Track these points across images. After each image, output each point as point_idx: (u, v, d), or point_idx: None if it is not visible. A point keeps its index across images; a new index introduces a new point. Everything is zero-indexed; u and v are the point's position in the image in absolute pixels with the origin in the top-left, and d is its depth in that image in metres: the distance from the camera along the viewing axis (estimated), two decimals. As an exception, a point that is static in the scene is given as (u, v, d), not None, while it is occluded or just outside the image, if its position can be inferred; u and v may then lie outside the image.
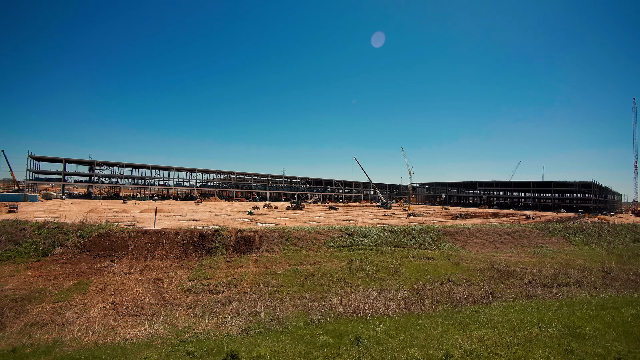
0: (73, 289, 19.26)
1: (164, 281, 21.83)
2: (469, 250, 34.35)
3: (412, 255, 30.05)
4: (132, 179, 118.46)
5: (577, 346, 7.85)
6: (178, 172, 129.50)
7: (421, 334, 9.78)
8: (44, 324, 14.62)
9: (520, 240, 38.78)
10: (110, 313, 16.54)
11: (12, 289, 18.51)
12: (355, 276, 23.74)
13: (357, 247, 31.58)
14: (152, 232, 29.22)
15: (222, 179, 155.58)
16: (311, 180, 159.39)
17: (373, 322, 11.62)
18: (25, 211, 46.69)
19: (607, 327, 9.34)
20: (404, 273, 24.58)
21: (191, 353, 9.22)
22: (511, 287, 21.32)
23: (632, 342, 8.06)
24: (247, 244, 29.01)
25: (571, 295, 18.11)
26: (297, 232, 32.62)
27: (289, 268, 25.13)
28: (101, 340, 12.39)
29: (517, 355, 7.51)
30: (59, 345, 11.38)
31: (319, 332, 10.85)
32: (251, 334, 11.78)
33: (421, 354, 7.91)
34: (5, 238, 24.83)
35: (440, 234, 37.37)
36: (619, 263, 28.49)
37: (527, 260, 30.34)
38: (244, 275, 23.35)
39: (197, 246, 28.09)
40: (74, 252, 24.99)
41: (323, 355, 8.44)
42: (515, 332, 9.41)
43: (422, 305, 15.02)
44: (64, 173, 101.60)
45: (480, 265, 26.54)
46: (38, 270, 21.84)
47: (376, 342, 9.31)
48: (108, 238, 27.25)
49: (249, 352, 8.61)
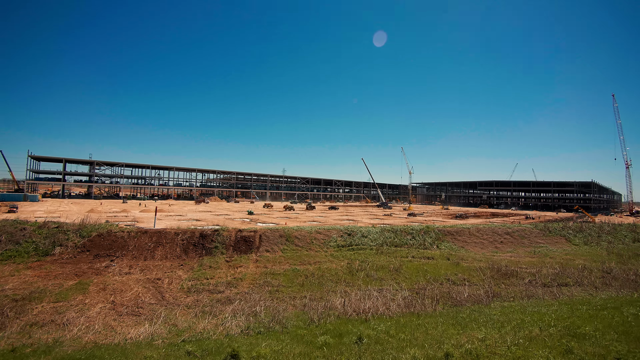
0: (73, 289, 19.27)
1: (164, 281, 21.83)
2: (469, 250, 34.35)
3: (412, 255, 30.05)
4: (132, 179, 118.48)
5: (577, 346, 7.85)
6: (178, 172, 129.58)
7: (421, 334, 9.78)
8: (44, 323, 14.63)
9: (520, 240, 38.78)
10: (110, 313, 16.55)
11: (12, 289, 18.52)
12: (355, 276, 23.74)
13: (357, 247, 31.58)
14: (152, 232, 29.22)
15: (222, 179, 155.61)
16: (311, 180, 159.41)
17: (373, 322, 11.63)
18: (25, 211, 46.69)
19: (607, 327, 9.34)
20: (404, 273, 24.59)
21: (191, 353, 9.22)
22: (511, 287, 21.33)
23: (632, 342, 8.06)
24: (247, 243, 29.01)
25: (571, 295, 18.11)
26: (297, 232, 32.62)
27: (289, 268, 25.13)
28: (101, 340, 12.39)
29: (517, 355, 7.51)
30: (59, 345, 11.38)
31: (319, 332, 10.85)
32: (251, 334, 11.78)
33: (421, 354, 7.91)
34: (5, 238, 24.83)
35: (440, 233, 37.37)
36: (619, 263, 28.50)
37: (527, 260, 30.35)
38: (244, 275, 23.35)
39: (197, 246, 28.09)
40: (74, 252, 24.99)
41: (323, 355, 8.44)
42: (515, 331, 9.41)
43: (422, 305, 15.02)
44: (64, 173, 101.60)
45: (480, 265, 26.54)
46: (38, 270, 21.84)
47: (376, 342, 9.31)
48: (108, 238, 27.25)
49: (249, 352, 8.62)
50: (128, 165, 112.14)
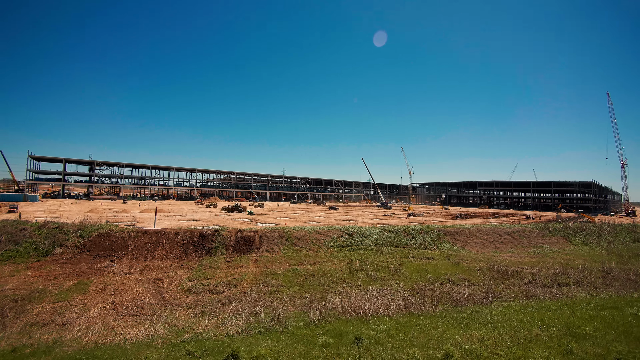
0: (73, 289, 19.27)
1: (164, 281, 21.83)
2: (469, 250, 34.34)
3: (412, 255, 30.05)
4: (132, 179, 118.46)
5: (577, 346, 7.84)
6: (178, 172, 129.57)
7: (421, 334, 9.77)
8: (44, 324, 14.63)
9: (520, 240, 38.78)
10: (110, 313, 16.55)
11: (12, 289, 18.51)
12: (355, 276, 23.74)
13: (357, 247, 31.58)
14: (152, 232, 29.22)
15: (222, 179, 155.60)
16: (311, 180, 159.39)
17: (373, 322, 11.62)
18: (26, 211, 46.68)
19: (607, 327, 9.33)
20: (404, 273, 24.59)
21: (191, 353, 9.22)
22: (511, 287, 21.32)
23: (632, 342, 8.05)
24: (247, 244, 29.00)
25: (571, 295, 18.09)
26: (297, 232, 32.62)
27: (289, 268, 25.12)
28: (101, 340, 12.38)
29: (517, 355, 7.51)
30: (59, 345, 11.37)
31: (319, 332, 10.84)
32: (251, 334, 11.77)
33: (421, 354, 7.91)
34: (5, 238, 24.82)
35: (441, 234, 37.36)
36: (619, 263, 28.48)
37: (527, 260, 30.34)
38: (244, 275, 23.35)
39: (197, 246, 28.09)
40: (74, 252, 24.98)
41: (323, 355, 8.44)
42: (515, 332, 9.41)
43: (422, 305, 15.01)
44: (64, 173, 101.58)
45: (480, 265, 26.54)
46: (38, 270, 21.84)
47: (376, 342, 9.31)
48: (108, 238, 27.25)
49: (249, 352, 8.61)
50: (128, 165, 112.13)
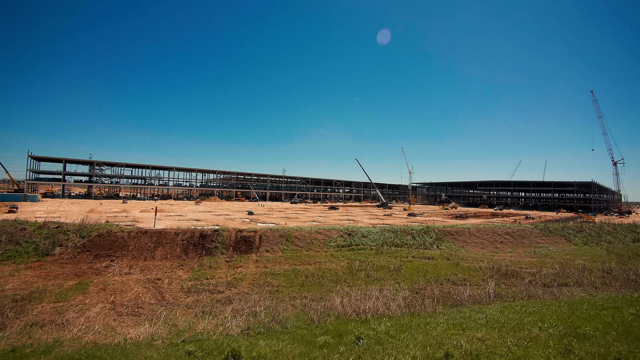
0: (73, 289, 19.25)
1: (164, 281, 21.82)
2: (469, 250, 34.34)
3: (412, 255, 30.05)
4: (132, 179, 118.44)
5: (577, 346, 7.84)
6: (178, 172, 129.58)
7: (421, 334, 9.77)
8: (44, 324, 14.61)
9: (520, 240, 38.77)
10: (110, 313, 16.54)
11: (12, 289, 18.50)
12: (355, 276, 23.73)
13: (357, 247, 31.58)
14: (152, 232, 29.21)
15: (222, 179, 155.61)
16: (311, 180, 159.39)
17: (373, 322, 11.61)
18: (25, 211, 46.67)
19: (607, 327, 9.33)
20: (404, 273, 24.58)
21: (191, 353, 9.21)
22: (511, 287, 21.31)
23: (632, 342, 8.05)
24: (247, 244, 29.00)
25: (571, 295, 18.09)
26: (297, 232, 32.61)
27: (289, 268, 25.12)
28: (101, 340, 12.38)
29: (517, 355, 7.51)
30: (59, 345, 11.37)
31: (319, 332, 10.84)
32: (251, 334, 11.76)
33: (421, 354, 7.90)
34: (5, 238, 24.82)
35: (440, 234, 37.36)
36: (619, 263, 28.48)
37: (527, 260, 30.33)
38: (244, 275, 23.34)
39: (197, 246, 28.08)
40: (74, 252, 24.98)
41: (323, 355, 8.43)
42: (515, 332, 9.41)
43: (423, 305, 15.00)
44: (64, 173, 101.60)
45: (481, 265, 26.53)
46: (38, 270, 21.83)
47: (376, 342, 9.30)
48: (108, 238, 27.24)
49: (250, 352, 8.61)
50: (128, 165, 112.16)
